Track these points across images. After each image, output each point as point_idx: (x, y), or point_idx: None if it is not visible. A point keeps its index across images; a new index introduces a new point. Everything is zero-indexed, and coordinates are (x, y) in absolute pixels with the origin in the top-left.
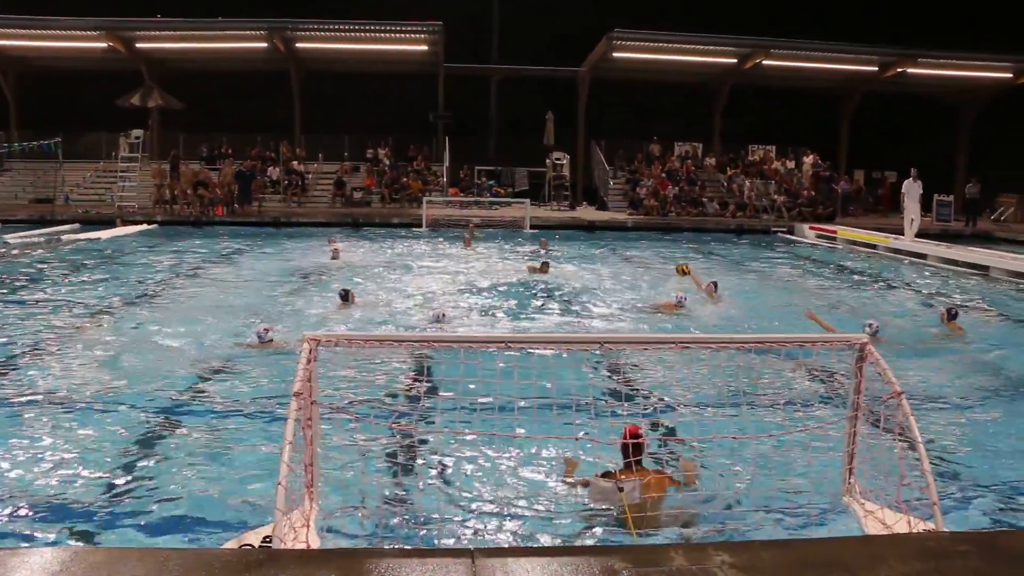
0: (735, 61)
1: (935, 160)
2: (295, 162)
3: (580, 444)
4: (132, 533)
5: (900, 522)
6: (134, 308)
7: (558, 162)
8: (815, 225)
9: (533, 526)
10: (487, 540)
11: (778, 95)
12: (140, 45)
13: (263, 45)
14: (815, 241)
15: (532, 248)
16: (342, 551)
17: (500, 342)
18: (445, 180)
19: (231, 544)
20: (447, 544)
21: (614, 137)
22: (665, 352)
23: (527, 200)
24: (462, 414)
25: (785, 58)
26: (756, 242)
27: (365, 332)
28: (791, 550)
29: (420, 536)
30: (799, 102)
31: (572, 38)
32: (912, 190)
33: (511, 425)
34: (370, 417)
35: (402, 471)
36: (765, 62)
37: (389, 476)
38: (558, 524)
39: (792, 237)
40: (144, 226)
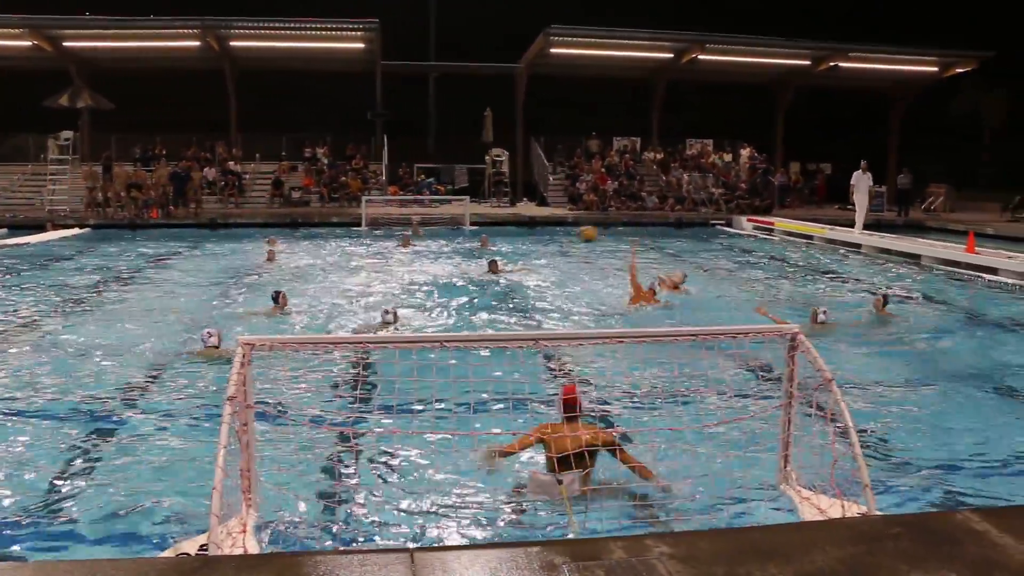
0: (671, 56)
1: (868, 152)
2: (231, 162)
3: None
4: (64, 545)
5: (834, 507)
6: (65, 315)
7: (497, 159)
8: (753, 217)
9: (474, 522)
10: (428, 539)
11: (714, 90)
12: (68, 44)
13: (196, 44)
14: (753, 233)
15: (472, 245)
16: (280, 555)
17: (435, 342)
18: (384, 179)
19: (167, 553)
20: (388, 544)
21: (553, 133)
22: (602, 346)
23: (467, 197)
24: (400, 414)
25: (720, 52)
26: (696, 235)
27: (301, 335)
28: (729, 539)
29: (361, 538)
30: (735, 96)
31: (510, 35)
32: (861, 182)
33: (449, 424)
34: (306, 420)
35: (341, 473)
36: (701, 57)
37: (328, 479)
38: (498, 519)
39: (731, 229)
40: (76, 230)
